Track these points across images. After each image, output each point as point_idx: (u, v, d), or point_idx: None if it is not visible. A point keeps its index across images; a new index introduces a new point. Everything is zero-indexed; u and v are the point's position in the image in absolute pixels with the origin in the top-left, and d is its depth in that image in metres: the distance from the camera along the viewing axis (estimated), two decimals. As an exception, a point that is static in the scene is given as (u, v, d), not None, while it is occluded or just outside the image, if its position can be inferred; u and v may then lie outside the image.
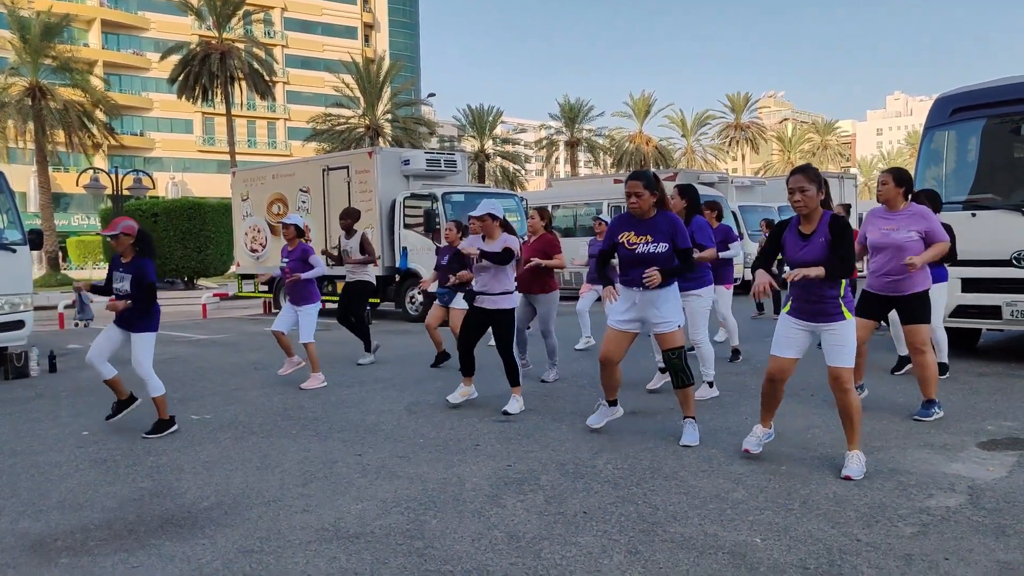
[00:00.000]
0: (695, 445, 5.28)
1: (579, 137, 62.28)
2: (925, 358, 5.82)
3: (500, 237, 6.61)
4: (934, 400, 5.86)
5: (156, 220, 26.54)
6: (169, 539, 3.91)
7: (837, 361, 4.55)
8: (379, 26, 78.45)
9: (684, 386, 5.39)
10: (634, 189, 5.30)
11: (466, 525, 3.96)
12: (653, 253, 5.25)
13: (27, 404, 7.64)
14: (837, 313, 4.54)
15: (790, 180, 4.57)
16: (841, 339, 4.54)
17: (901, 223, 5.81)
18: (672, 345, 5.34)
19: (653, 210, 5.36)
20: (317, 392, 7.70)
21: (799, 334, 4.69)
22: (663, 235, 5.26)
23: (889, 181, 5.90)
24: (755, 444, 4.95)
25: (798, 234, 4.63)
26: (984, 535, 3.65)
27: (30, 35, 33.68)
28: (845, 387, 4.54)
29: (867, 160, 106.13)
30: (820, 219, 4.56)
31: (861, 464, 4.54)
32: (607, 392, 5.69)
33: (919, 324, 5.80)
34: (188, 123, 65.25)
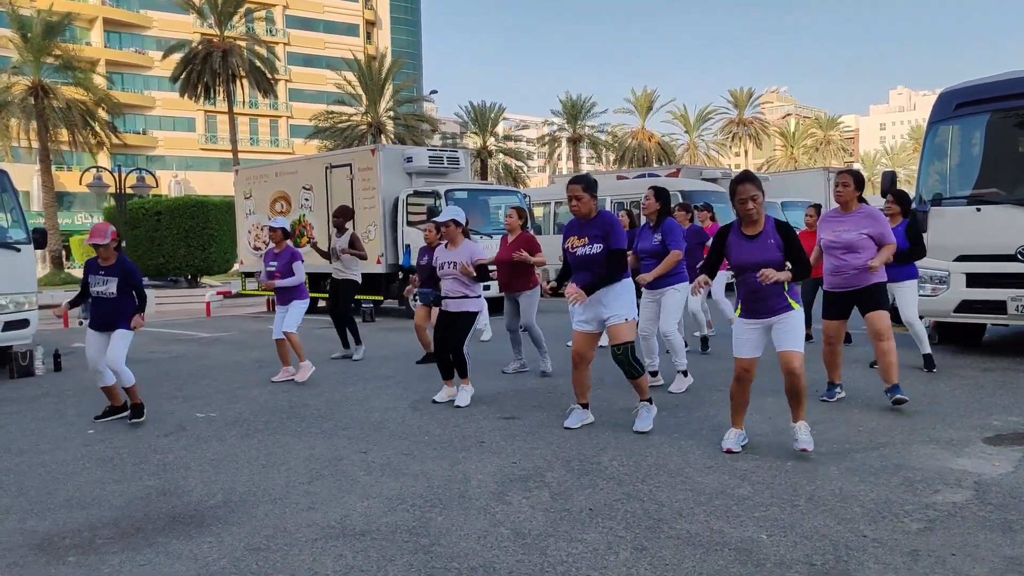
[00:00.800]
0: (648, 430, 5.54)
1: (581, 134, 62.18)
2: (888, 344, 6.04)
3: (462, 244, 6.87)
4: (898, 385, 6.04)
5: (159, 219, 26.57)
6: (176, 537, 3.92)
7: (788, 345, 4.78)
8: (381, 23, 78.36)
9: (635, 377, 5.62)
10: (574, 192, 5.61)
11: (472, 522, 3.96)
12: (589, 255, 5.56)
13: (32, 403, 7.66)
14: (785, 306, 4.81)
15: (739, 189, 4.80)
16: (790, 327, 4.80)
17: (852, 224, 6.07)
18: (618, 340, 5.53)
19: (594, 212, 5.65)
20: (322, 390, 7.71)
21: (754, 333, 4.92)
22: (597, 238, 5.55)
23: (850, 183, 6.14)
24: (735, 443, 5.04)
25: (742, 236, 4.88)
26: (991, 530, 3.64)
27: (32, 34, 33.69)
28: (797, 372, 4.76)
29: (870, 155, 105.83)
30: (765, 222, 4.83)
31: (808, 432, 4.87)
32: (577, 394, 5.91)
33: (878, 311, 6.06)
34: (190, 121, 65.26)
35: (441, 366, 6.92)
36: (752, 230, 4.85)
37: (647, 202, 7.06)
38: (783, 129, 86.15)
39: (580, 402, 5.92)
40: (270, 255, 8.62)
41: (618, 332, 5.53)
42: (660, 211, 7.03)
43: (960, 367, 7.61)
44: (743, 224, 4.88)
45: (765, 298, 4.81)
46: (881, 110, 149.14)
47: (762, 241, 4.80)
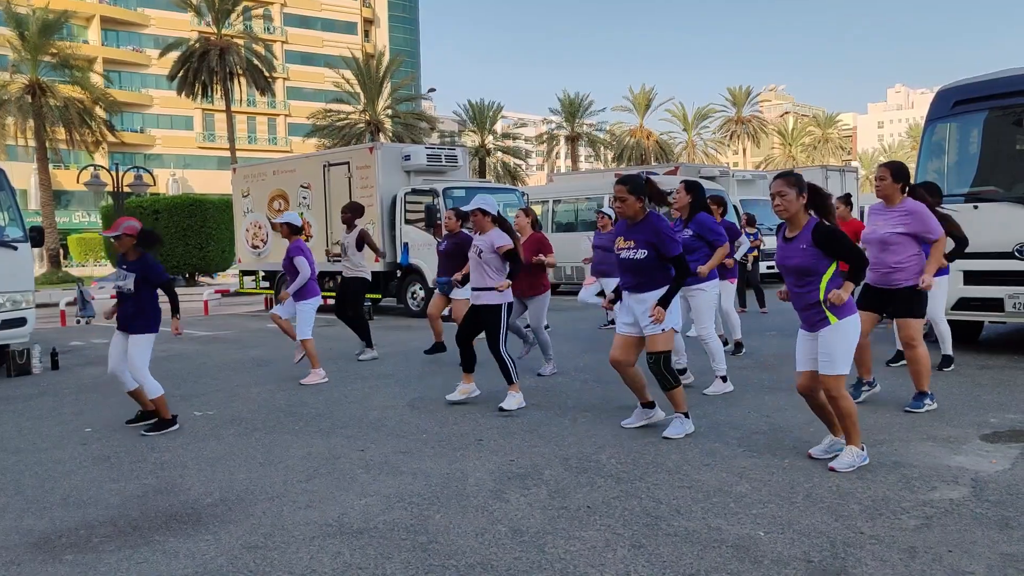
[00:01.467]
0: (677, 438, 5.30)
1: (580, 132, 62.20)
2: (916, 352, 5.84)
3: (491, 231, 6.57)
4: (926, 392, 5.88)
5: (157, 217, 26.56)
6: (173, 535, 3.92)
7: (822, 368, 4.51)
8: (379, 21, 78.30)
9: (668, 389, 5.37)
10: (619, 193, 5.37)
11: (470, 520, 3.96)
12: (633, 259, 5.33)
13: (30, 401, 7.65)
14: (822, 319, 4.50)
15: (772, 185, 4.58)
16: (825, 345, 4.48)
17: (892, 219, 5.82)
18: (651, 349, 5.32)
19: (641, 214, 5.40)
20: (320, 388, 7.70)
21: (809, 344, 4.63)
22: (642, 243, 5.30)
23: (887, 176, 5.87)
24: (819, 450, 4.81)
25: (784, 238, 4.65)
26: (988, 527, 3.65)
27: (29, 32, 33.64)
28: (831, 394, 4.50)
29: (868, 153, 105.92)
30: (804, 225, 4.53)
31: (852, 459, 4.53)
32: (636, 394, 5.67)
33: (909, 319, 5.82)
34: (188, 119, 65.21)
35: (462, 357, 6.70)
36: (791, 232, 4.60)
37: (678, 195, 6.90)
38: (781, 127, 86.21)
39: (641, 401, 5.67)
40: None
41: (654, 341, 5.30)
42: (692, 204, 6.90)
43: (957, 365, 7.61)
44: (788, 225, 4.64)
45: (803, 308, 4.58)
46: (879, 108, 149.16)
47: (795, 245, 4.53)
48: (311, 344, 8.11)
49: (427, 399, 6.97)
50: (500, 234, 6.54)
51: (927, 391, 5.89)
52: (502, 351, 6.45)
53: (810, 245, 4.45)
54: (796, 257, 4.50)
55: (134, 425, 6.35)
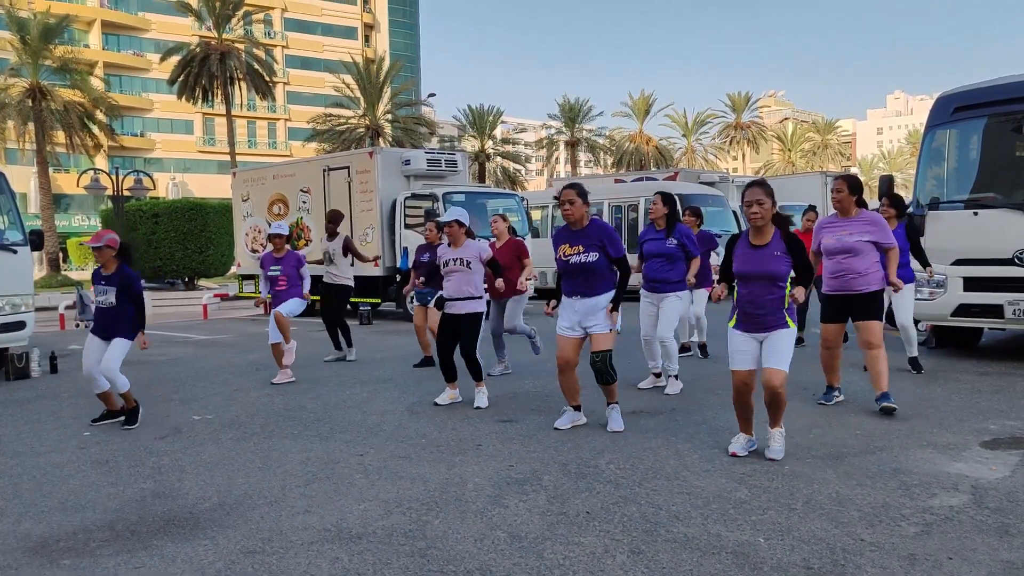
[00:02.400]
0: (622, 430, 5.67)
1: (579, 137, 62.28)
2: (879, 351, 6.07)
3: (464, 243, 6.85)
4: (888, 393, 6.06)
5: (157, 221, 26.56)
6: (171, 540, 3.91)
7: (773, 363, 4.76)
8: (379, 26, 78.41)
9: (609, 383, 5.72)
10: (568, 197, 5.61)
11: (468, 526, 3.95)
12: (584, 263, 5.56)
13: (28, 405, 7.63)
14: (781, 322, 4.78)
15: (746, 193, 4.81)
16: (780, 344, 4.77)
17: (854, 229, 6.10)
18: (599, 347, 5.62)
19: (586, 219, 5.67)
20: (318, 393, 7.69)
21: (748, 345, 4.88)
22: (594, 245, 5.54)
23: (844, 188, 6.17)
24: (740, 448, 5.04)
25: (749, 246, 4.86)
26: (988, 535, 3.64)
27: (30, 36, 33.68)
28: (779, 389, 4.77)
29: (867, 159, 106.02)
30: (772, 233, 4.80)
31: (782, 440, 4.93)
32: (568, 397, 5.95)
33: (871, 320, 6.08)
34: (188, 124, 65.25)
35: (444, 368, 6.89)
36: (759, 240, 4.82)
37: (654, 207, 7.24)
38: (781, 133, 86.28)
39: (572, 404, 5.97)
40: (269, 259, 8.67)
41: (601, 340, 5.62)
42: (669, 215, 7.20)
43: (957, 371, 7.61)
44: (751, 233, 4.87)
45: (763, 312, 4.77)
46: (878, 114, 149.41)
47: (768, 251, 4.76)
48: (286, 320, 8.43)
49: (426, 404, 6.96)
50: (479, 245, 6.90)
51: (888, 391, 6.07)
52: (476, 354, 6.77)
53: (783, 252, 4.74)
54: (771, 263, 4.73)
55: (99, 424, 6.57)
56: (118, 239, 6.50)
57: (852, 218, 6.15)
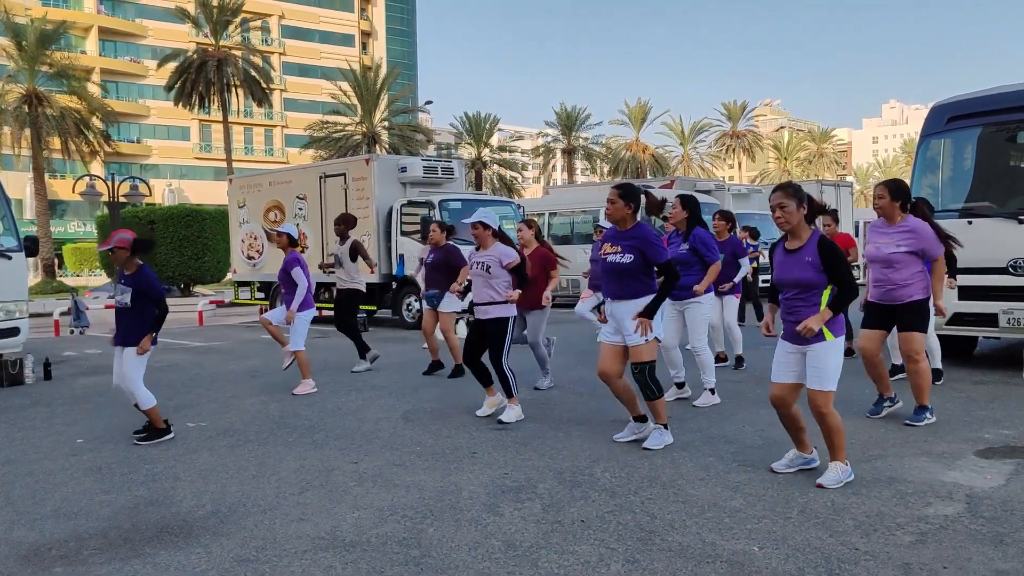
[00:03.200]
0: (657, 448, 5.35)
1: (576, 145, 62.41)
2: (919, 366, 5.90)
3: (495, 246, 6.60)
4: (927, 406, 5.93)
5: (153, 227, 26.49)
6: (164, 548, 3.89)
7: (812, 384, 4.47)
8: (376, 34, 78.58)
9: (651, 399, 5.42)
10: (610, 196, 5.46)
11: (463, 534, 3.94)
12: (619, 263, 5.36)
13: (22, 412, 7.60)
14: (817, 336, 4.44)
15: (771, 197, 4.54)
16: (817, 361, 4.45)
17: (893, 237, 5.89)
18: (636, 359, 5.36)
19: (630, 221, 5.46)
20: (313, 400, 7.67)
21: (791, 357, 4.60)
22: (629, 247, 5.34)
23: (886, 195, 5.93)
24: (782, 465, 4.81)
25: (784, 251, 4.61)
26: (982, 544, 3.64)
27: (26, 42, 33.68)
28: (821, 411, 4.47)
29: (863, 168, 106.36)
30: (809, 237, 4.51)
31: (839, 474, 4.52)
32: (627, 407, 5.66)
33: (913, 332, 5.87)
34: (185, 130, 65.27)
35: (475, 375, 6.71)
36: (793, 244, 4.56)
37: (674, 210, 6.99)
38: (776, 142, 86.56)
39: (632, 415, 5.66)
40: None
41: (639, 352, 5.34)
42: (689, 219, 6.97)
43: (952, 380, 7.62)
44: (788, 237, 4.62)
45: (798, 322, 4.48)
46: (874, 123, 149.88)
47: (799, 258, 4.49)
48: (303, 355, 8.11)
49: (421, 411, 6.94)
50: (506, 249, 6.56)
51: (928, 404, 5.93)
52: (504, 364, 6.42)
53: (815, 258, 4.43)
54: (800, 270, 4.46)
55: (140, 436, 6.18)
56: (129, 237, 6.11)
57: (893, 225, 5.92)
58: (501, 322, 6.46)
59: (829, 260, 4.41)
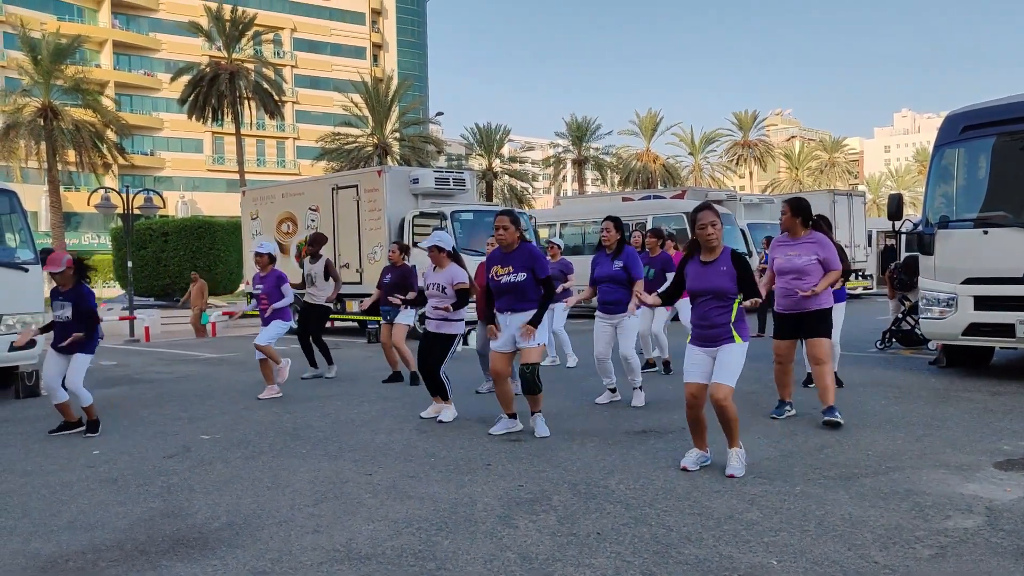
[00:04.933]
0: (547, 436, 6.12)
1: (586, 155, 62.43)
2: (824, 368, 6.34)
3: (448, 267, 7.14)
4: (834, 407, 6.27)
5: (166, 239, 26.70)
6: (180, 560, 3.89)
7: (718, 377, 4.93)
8: (387, 46, 79.04)
9: (535, 393, 6.21)
10: (502, 223, 6.21)
11: (478, 546, 3.93)
12: (514, 283, 6.15)
13: (38, 423, 7.64)
14: (728, 338, 4.96)
15: (699, 216, 5.03)
16: (726, 358, 4.94)
17: (802, 249, 6.42)
18: (528, 360, 6.15)
19: (517, 243, 6.24)
20: (327, 411, 7.68)
21: (699, 359, 5.06)
22: (521, 267, 6.13)
23: (787, 211, 6.50)
24: (691, 462, 5.16)
25: (699, 263, 5.09)
26: (1003, 557, 3.60)
27: (42, 56, 34.05)
28: (722, 403, 4.90)
29: (875, 177, 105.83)
30: (722, 251, 5.04)
31: (742, 461, 5.03)
32: (505, 405, 6.42)
33: (820, 338, 6.38)
34: (198, 142, 65.73)
35: (427, 384, 7.18)
36: (708, 257, 5.05)
37: (606, 233, 7.48)
38: (788, 151, 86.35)
39: (507, 412, 6.41)
40: (257, 278, 9.03)
41: (530, 354, 6.13)
42: (619, 240, 7.49)
43: (969, 391, 7.56)
44: (702, 251, 5.09)
45: (711, 327, 4.97)
46: (886, 132, 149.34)
47: (715, 268, 4.99)
48: (269, 347, 8.63)
49: (434, 423, 6.94)
50: (458, 270, 7.18)
51: (834, 405, 6.28)
52: (443, 372, 7.10)
53: (730, 269, 4.97)
54: (716, 279, 4.96)
55: (57, 434, 6.96)
56: (72, 259, 6.87)
57: (798, 239, 6.47)
58: (450, 337, 7.13)
59: (741, 266, 4.98)
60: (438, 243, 7.17)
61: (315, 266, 10.32)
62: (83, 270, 6.97)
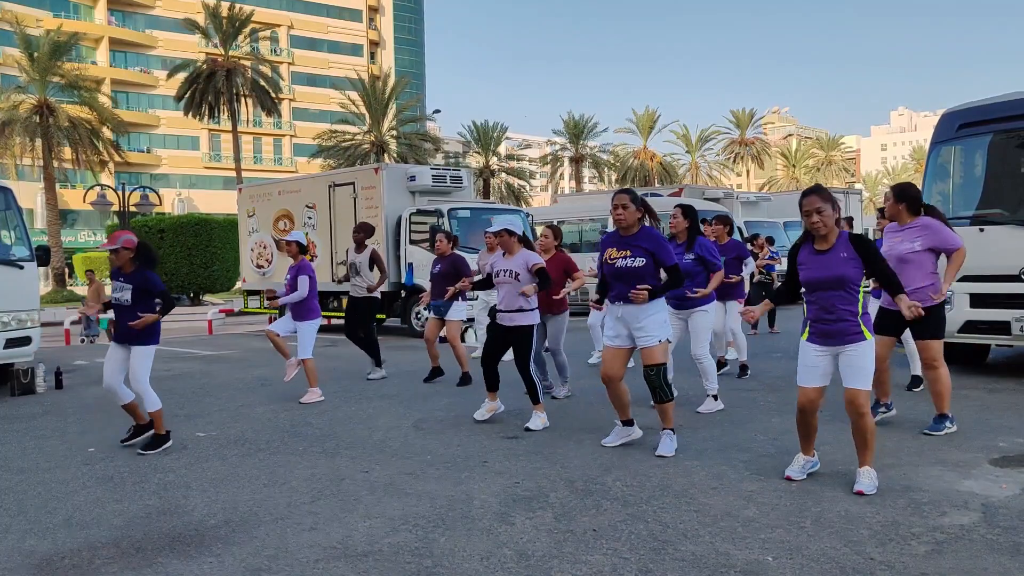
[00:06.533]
0: (670, 456, 5.38)
1: (584, 153, 62.47)
2: (938, 372, 5.82)
3: (519, 253, 6.60)
4: (947, 415, 5.85)
5: (163, 236, 26.65)
6: (176, 557, 3.89)
7: (854, 383, 4.47)
8: (384, 43, 78.96)
9: (662, 402, 5.45)
10: (621, 201, 5.47)
11: (475, 543, 3.93)
12: (630, 267, 5.40)
13: (33, 421, 7.63)
14: (857, 333, 4.47)
15: (804, 202, 4.53)
16: (859, 360, 4.47)
17: (905, 236, 5.92)
18: (651, 361, 5.38)
19: (637, 226, 5.52)
20: (324, 409, 7.68)
21: (821, 361, 4.59)
22: (641, 251, 5.40)
23: (891, 198, 6.04)
24: (797, 471, 4.82)
25: (813, 252, 4.61)
26: (999, 554, 3.61)
27: (38, 53, 33.97)
28: (861, 411, 4.48)
29: (872, 175, 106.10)
30: (838, 237, 4.54)
31: (873, 480, 4.53)
32: (618, 411, 5.74)
33: (930, 340, 5.81)
34: (194, 140, 65.63)
35: (487, 377, 6.71)
36: (823, 245, 4.56)
37: (675, 220, 7.03)
38: (784, 149, 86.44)
39: (621, 419, 5.75)
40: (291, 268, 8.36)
41: (651, 353, 5.36)
42: (690, 228, 7.01)
43: (965, 388, 7.57)
44: (815, 239, 4.62)
45: (837, 320, 4.48)
46: (882, 131, 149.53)
47: (833, 255, 4.50)
48: (311, 363, 8.12)
49: (432, 420, 6.94)
50: (532, 253, 6.62)
51: (948, 413, 5.86)
52: (532, 370, 6.49)
53: (852, 254, 4.46)
54: (837, 267, 4.46)
55: (129, 443, 6.31)
56: (135, 240, 6.18)
57: (904, 226, 5.95)
58: (527, 329, 6.49)
59: (865, 252, 4.47)
60: (508, 227, 6.61)
61: (360, 256, 9.53)
62: (147, 255, 6.22)
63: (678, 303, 6.85)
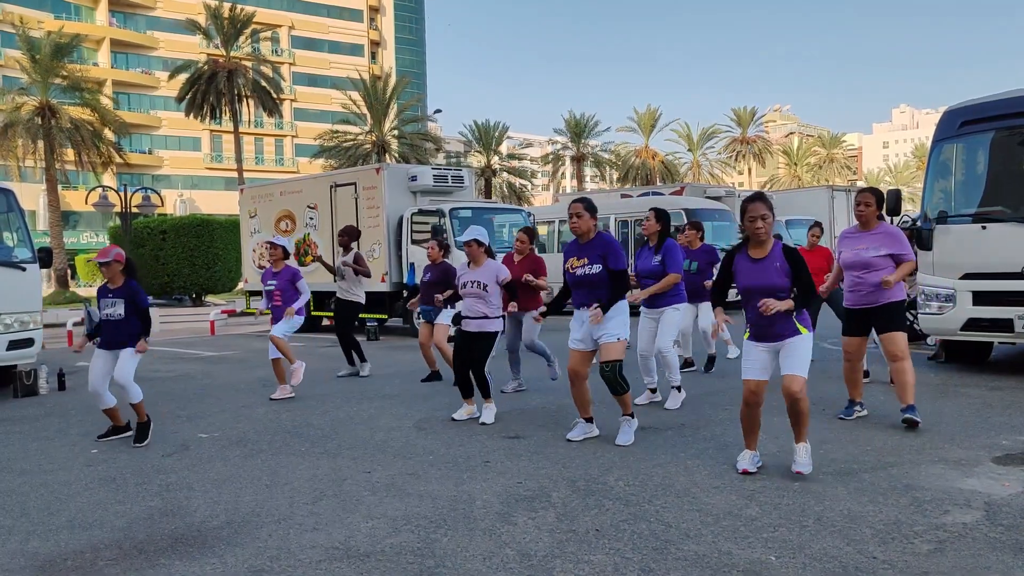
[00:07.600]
0: (629, 444, 5.71)
1: (585, 152, 62.38)
2: (903, 364, 6.04)
3: (486, 264, 6.90)
4: (914, 405, 5.99)
5: (164, 237, 26.67)
6: (179, 558, 3.89)
7: (790, 370, 4.73)
8: (385, 43, 78.97)
9: (620, 394, 5.78)
10: (575, 210, 5.78)
11: (477, 543, 3.93)
12: (588, 275, 5.73)
13: (36, 422, 7.64)
14: (792, 331, 4.75)
15: (749, 208, 4.77)
16: (795, 351, 4.75)
17: (870, 242, 6.13)
18: (607, 358, 5.70)
19: (592, 232, 5.83)
20: (325, 409, 7.68)
21: (762, 355, 4.87)
22: (597, 257, 5.72)
23: (872, 202, 6.21)
24: (749, 463, 4.97)
25: (748, 259, 4.86)
26: (1002, 552, 3.60)
27: (40, 55, 34.00)
28: (796, 396, 4.72)
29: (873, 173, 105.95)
30: (772, 246, 4.81)
31: (808, 455, 4.86)
32: (580, 409, 6.04)
33: (895, 332, 6.07)
34: (196, 141, 65.67)
35: (461, 385, 6.90)
36: (758, 253, 4.81)
37: (647, 223, 7.23)
38: (786, 147, 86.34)
39: (583, 416, 6.04)
40: (268, 273, 8.67)
41: (609, 350, 5.68)
42: (661, 232, 7.18)
43: (967, 386, 7.56)
44: (750, 246, 4.86)
45: (772, 322, 4.74)
46: (884, 128, 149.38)
47: (767, 265, 4.75)
48: (282, 341, 8.35)
49: (433, 420, 6.94)
50: (500, 265, 6.96)
51: (914, 404, 6.01)
52: (486, 371, 6.87)
53: (784, 264, 4.74)
54: (771, 276, 4.73)
55: (106, 440, 6.63)
56: (124, 254, 6.60)
57: (869, 231, 6.19)
58: (491, 336, 6.85)
59: (795, 265, 4.72)
60: (478, 237, 6.88)
61: (347, 258, 9.98)
62: (132, 267, 6.67)
63: (651, 302, 7.12)
